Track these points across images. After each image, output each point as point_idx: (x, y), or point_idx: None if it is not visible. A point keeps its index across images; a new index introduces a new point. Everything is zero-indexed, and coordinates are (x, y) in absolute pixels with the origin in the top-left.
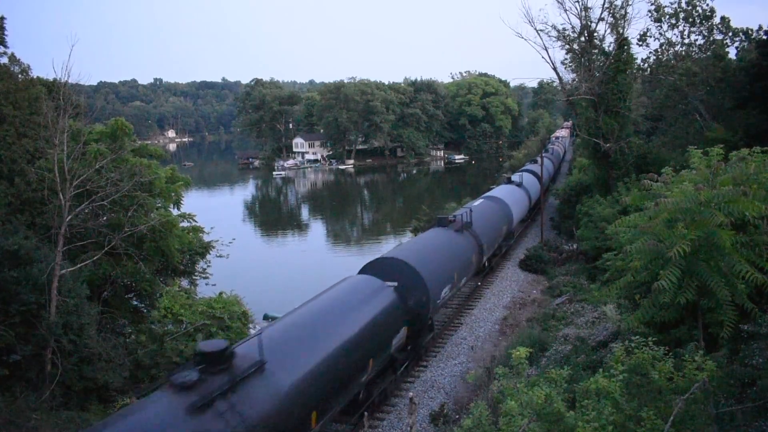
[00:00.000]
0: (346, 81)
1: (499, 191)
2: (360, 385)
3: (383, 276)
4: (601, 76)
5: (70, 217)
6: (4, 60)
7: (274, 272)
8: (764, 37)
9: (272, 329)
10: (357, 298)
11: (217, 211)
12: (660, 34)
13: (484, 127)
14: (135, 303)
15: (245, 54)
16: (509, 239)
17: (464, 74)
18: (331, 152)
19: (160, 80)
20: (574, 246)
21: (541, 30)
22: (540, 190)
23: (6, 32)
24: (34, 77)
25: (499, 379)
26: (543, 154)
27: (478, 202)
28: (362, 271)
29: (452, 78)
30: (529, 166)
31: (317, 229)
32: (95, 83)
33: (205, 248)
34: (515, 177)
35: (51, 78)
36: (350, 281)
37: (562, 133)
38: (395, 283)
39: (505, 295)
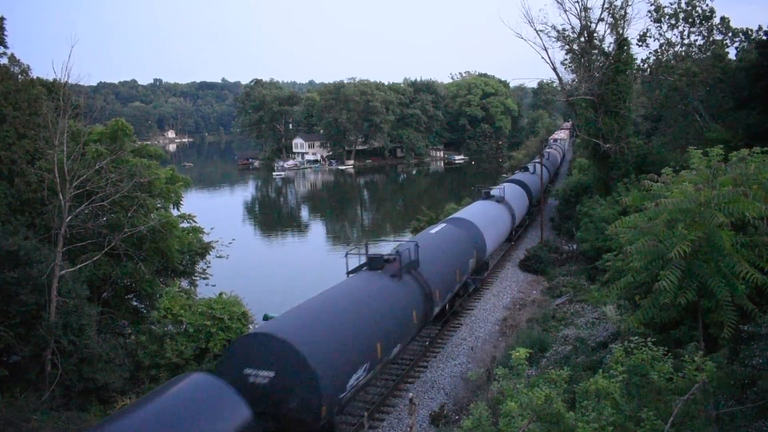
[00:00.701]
0: (345, 81)
1: (471, 211)
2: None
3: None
4: (600, 77)
5: (70, 218)
6: (4, 60)
7: (274, 273)
8: (764, 38)
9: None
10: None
11: (217, 211)
12: (660, 34)
13: (483, 127)
14: (135, 303)
15: (245, 54)
16: (481, 272)
17: (464, 74)
18: (330, 153)
19: (160, 80)
20: (574, 246)
21: (540, 30)
22: (527, 206)
23: (6, 33)
24: (34, 78)
25: (499, 379)
26: (537, 161)
27: (437, 228)
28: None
29: (452, 78)
30: (517, 175)
31: (317, 229)
32: (95, 83)
33: (204, 249)
34: (496, 191)
35: (51, 78)
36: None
37: (561, 134)
38: (270, 374)
39: (505, 295)
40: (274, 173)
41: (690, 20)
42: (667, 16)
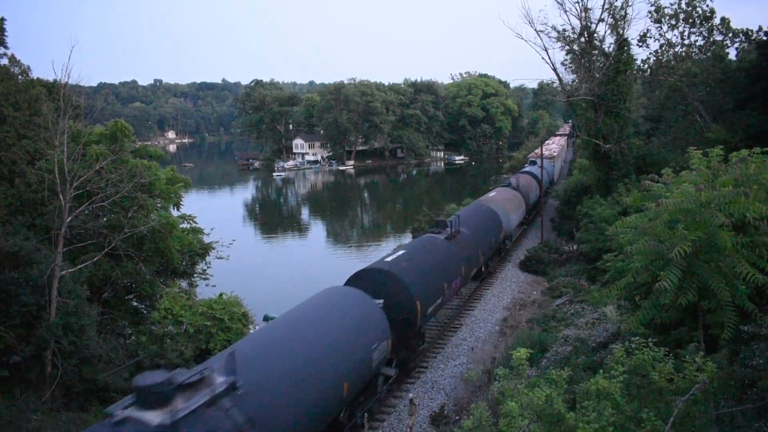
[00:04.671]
0: (346, 82)
1: (399, 259)
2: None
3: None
4: (601, 77)
5: (70, 219)
6: (5, 61)
7: (275, 273)
8: (764, 38)
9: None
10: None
11: (217, 212)
12: (660, 35)
13: (484, 128)
14: (135, 304)
15: (245, 55)
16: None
17: (464, 75)
18: (331, 153)
19: (160, 81)
20: (575, 247)
21: (541, 31)
22: (498, 238)
23: (6, 33)
24: (34, 78)
25: (499, 380)
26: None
27: (314, 302)
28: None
29: (452, 79)
30: (493, 195)
31: (317, 230)
32: (95, 84)
33: (205, 249)
34: (453, 218)
35: (51, 79)
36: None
37: (555, 143)
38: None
39: (505, 296)
40: (274, 174)
41: (690, 21)
42: (668, 17)
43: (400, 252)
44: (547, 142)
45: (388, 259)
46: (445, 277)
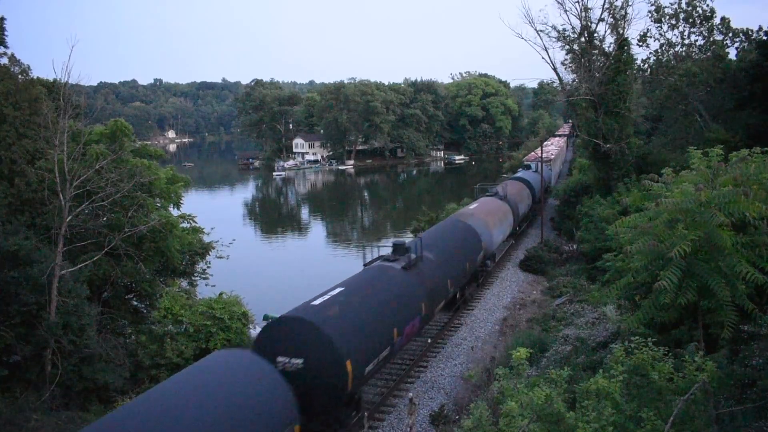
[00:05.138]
0: (346, 81)
1: (331, 302)
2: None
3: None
4: (601, 77)
5: (70, 218)
6: (5, 60)
7: (275, 273)
8: (764, 38)
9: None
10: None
11: (217, 211)
12: (660, 34)
13: (484, 127)
14: (135, 303)
15: (245, 54)
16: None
17: (464, 74)
18: (331, 153)
19: (160, 81)
20: (574, 246)
21: (541, 30)
22: (476, 260)
23: (6, 33)
24: (34, 78)
25: (499, 379)
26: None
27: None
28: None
29: (452, 78)
30: (474, 207)
31: (317, 229)
32: (95, 84)
33: (205, 249)
34: (416, 240)
35: (51, 78)
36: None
37: (554, 145)
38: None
39: (505, 295)
40: (274, 173)
41: (690, 20)
42: (668, 17)
43: (336, 290)
44: (545, 143)
45: (317, 301)
46: (395, 320)
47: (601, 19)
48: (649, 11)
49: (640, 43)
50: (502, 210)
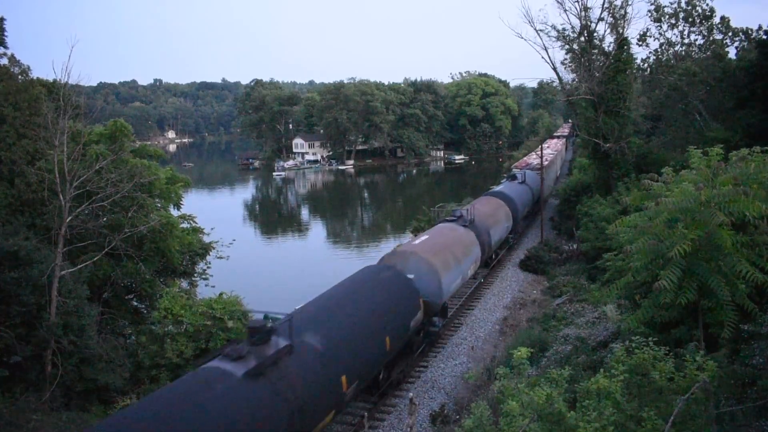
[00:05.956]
0: (345, 81)
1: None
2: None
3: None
4: (600, 76)
5: (70, 218)
6: (4, 61)
7: (275, 273)
8: (764, 37)
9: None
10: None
11: (217, 212)
12: (660, 34)
13: (483, 127)
14: (135, 304)
15: (245, 54)
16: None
17: (464, 74)
18: (331, 153)
19: (160, 81)
20: (575, 246)
21: (540, 30)
22: (408, 326)
23: (6, 33)
24: (34, 78)
25: (499, 379)
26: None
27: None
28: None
29: (452, 78)
30: (422, 240)
31: (317, 229)
32: (95, 84)
33: (205, 249)
34: (287, 316)
35: (51, 79)
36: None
37: (551, 148)
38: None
39: (506, 295)
40: (274, 173)
41: (690, 20)
42: (667, 16)
43: None
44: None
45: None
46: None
47: (600, 19)
48: (649, 10)
49: (640, 43)
50: (463, 241)
